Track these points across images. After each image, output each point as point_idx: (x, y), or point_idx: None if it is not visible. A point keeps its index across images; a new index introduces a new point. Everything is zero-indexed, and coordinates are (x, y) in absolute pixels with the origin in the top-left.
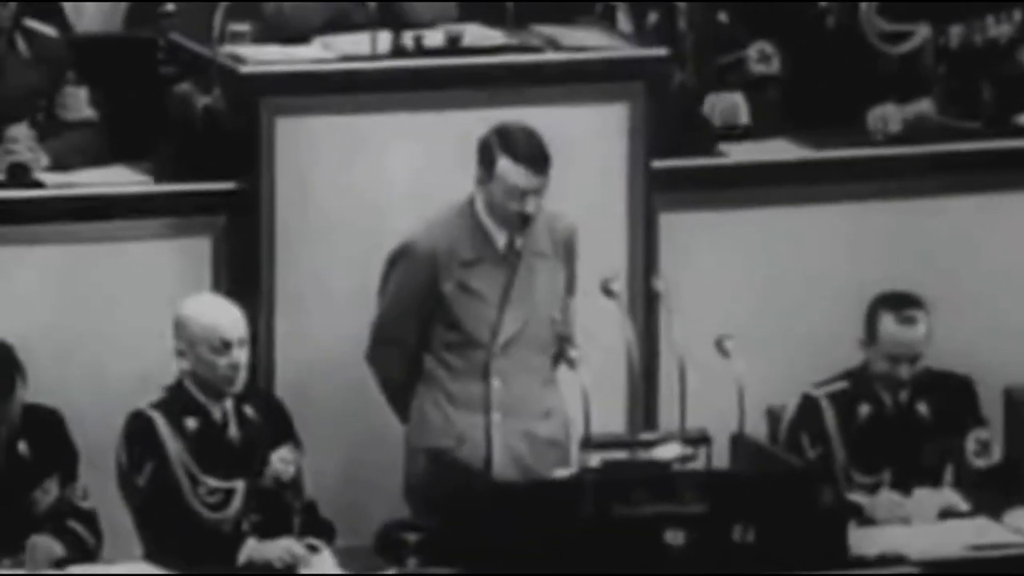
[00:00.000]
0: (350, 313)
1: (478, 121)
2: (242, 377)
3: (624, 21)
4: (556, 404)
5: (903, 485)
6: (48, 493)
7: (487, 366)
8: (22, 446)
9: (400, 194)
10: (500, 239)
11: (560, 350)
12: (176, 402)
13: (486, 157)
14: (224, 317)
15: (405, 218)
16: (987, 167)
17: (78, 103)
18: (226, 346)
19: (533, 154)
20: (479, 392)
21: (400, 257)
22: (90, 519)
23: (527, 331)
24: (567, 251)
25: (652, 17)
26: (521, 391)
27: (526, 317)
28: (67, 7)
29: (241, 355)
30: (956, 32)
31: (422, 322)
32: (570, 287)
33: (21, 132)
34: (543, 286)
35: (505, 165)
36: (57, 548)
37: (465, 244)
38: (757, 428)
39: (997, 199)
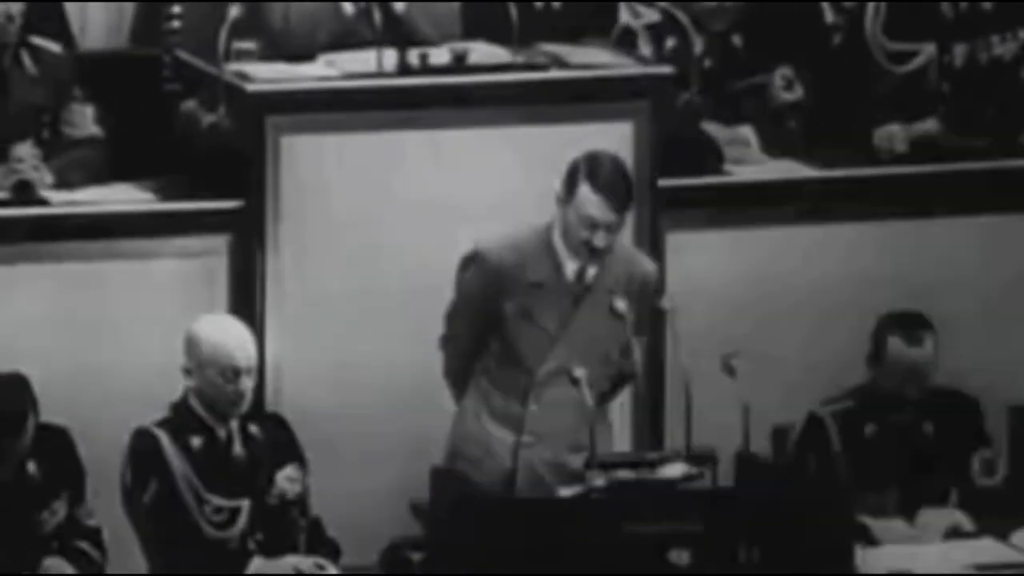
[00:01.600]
0: (355, 331)
1: (484, 139)
2: (247, 403)
3: (644, 46)
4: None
5: (909, 504)
6: (56, 513)
7: (528, 390)
8: (31, 466)
9: (405, 211)
10: (570, 268)
11: (563, 369)
12: (181, 420)
13: (570, 179)
14: (236, 344)
15: (409, 235)
16: (993, 186)
17: (83, 120)
18: (235, 374)
19: (616, 187)
20: (517, 412)
21: (469, 262)
22: (95, 536)
23: (578, 364)
24: (641, 292)
25: (670, 42)
26: (557, 421)
27: (578, 351)
28: (72, 24)
29: (248, 383)
30: (961, 51)
31: (478, 329)
32: (640, 328)
33: (26, 150)
34: (605, 323)
35: (585, 192)
36: (68, 569)
37: (535, 266)
38: (763, 447)
39: (1003, 218)
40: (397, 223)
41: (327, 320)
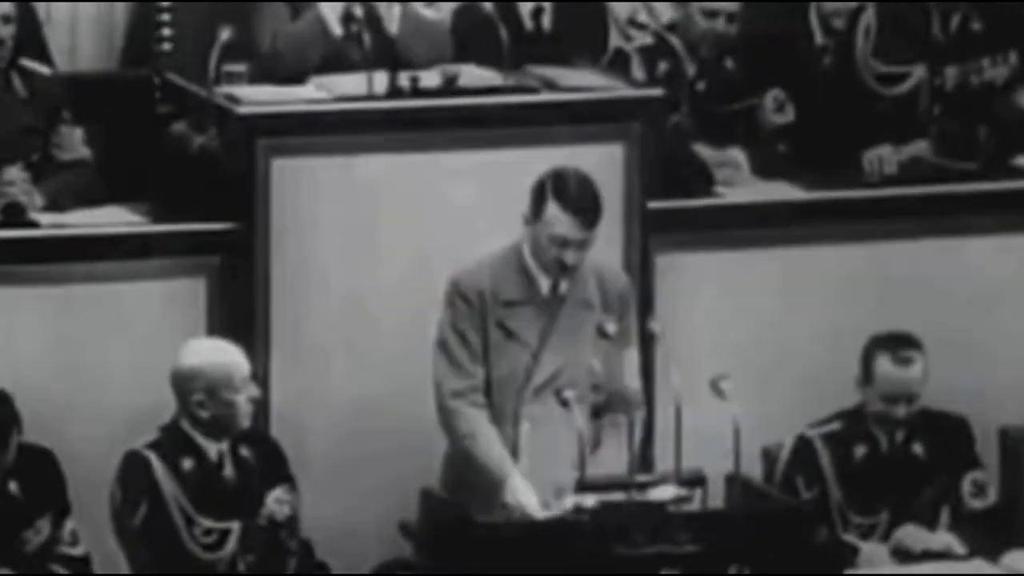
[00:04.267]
0: (346, 354)
1: (474, 162)
2: (253, 409)
3: (636, 69)
4: (591, 456)
5: (899, 526)
6: (40, 533)
7: (518, 410)
8: (13, 485)
9: (395, 234)
10: (544, 284)
11: (555, 390)
12: (171, 442)
13: (537, 199)
14: (232, 358)
15: (400, 258)
16: (983, 209)
17: (73, 143)
18: (244, 382)
19: (584, 205)
20: (509, 435)
21: (452, 296)
22: (81, 565)
23: (561, 378)
24: (622, 305)
25: (663, 65)
26: (552, 438)
27: (562, 364)
28: (61, 47)
29: (255, 387)
30: (952, 74)
31: (469, 357)
32: (627, 339)
33: (16, 172)
34: (584, 336)
35: (553, 211)
36: None
37: (509, 285)
38: (752, 469)
39: (992, 241)
40: (388, 246)
41: (317, 341)
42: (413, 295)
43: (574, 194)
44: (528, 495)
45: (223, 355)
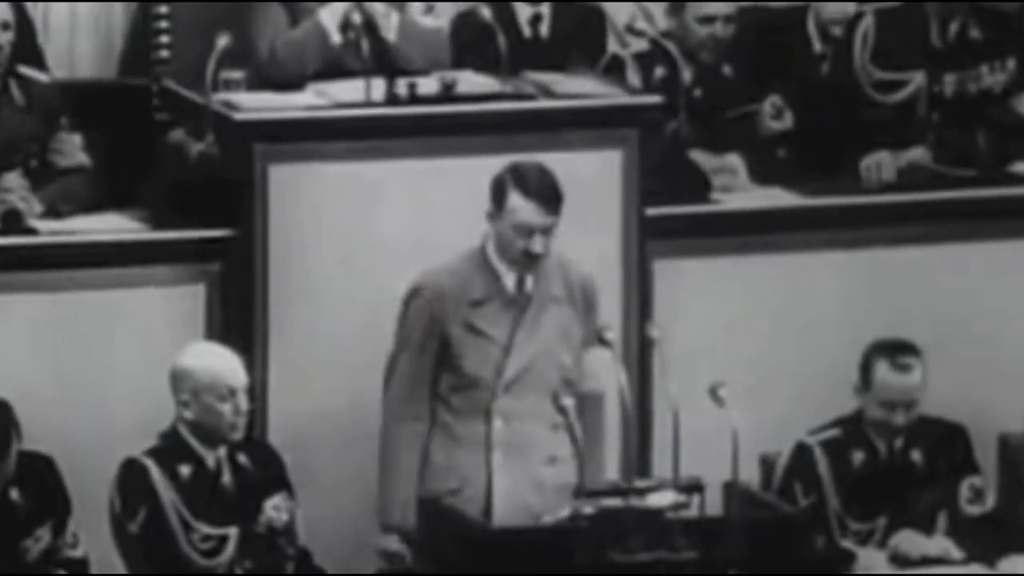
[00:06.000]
0: (344, 360)
1: (473, 168)
2: (244, 423)
3: (633, 75)
4: (564, 451)
5: (896, 532)
6: (40, 541)
7: (489, 406)
8: (14, 493)
9: (394, 241)
10: (509, 280)
11: (553, 397)
12: (170, 449)
13: (498, 192)
14: (225, 365)
15: (399, 265)
16: (981, 215)
17: (72, 149)
18: (232, 393)
19: (545, 192)
20: (483, 432)
21: (412, 297)
22: (80, 567)
23: (533, 373)
24: (586, 302)
25: (659, 71)
26: (525, 433)
27: (532, 359)
28: (60, 54)
29: (245, 403)
30: (950, 81)
31: (426, 363)
32: (589, 338)
33: (14, 179)
34: (553, 330)
35: (516, 200)
36: None
37: (474, 285)
38: (751, 476)
39: (990, 247)
40: (385, 252)
41: (316, 347)
42: None
43: (534, 181)
44: None
45: (211, 360)
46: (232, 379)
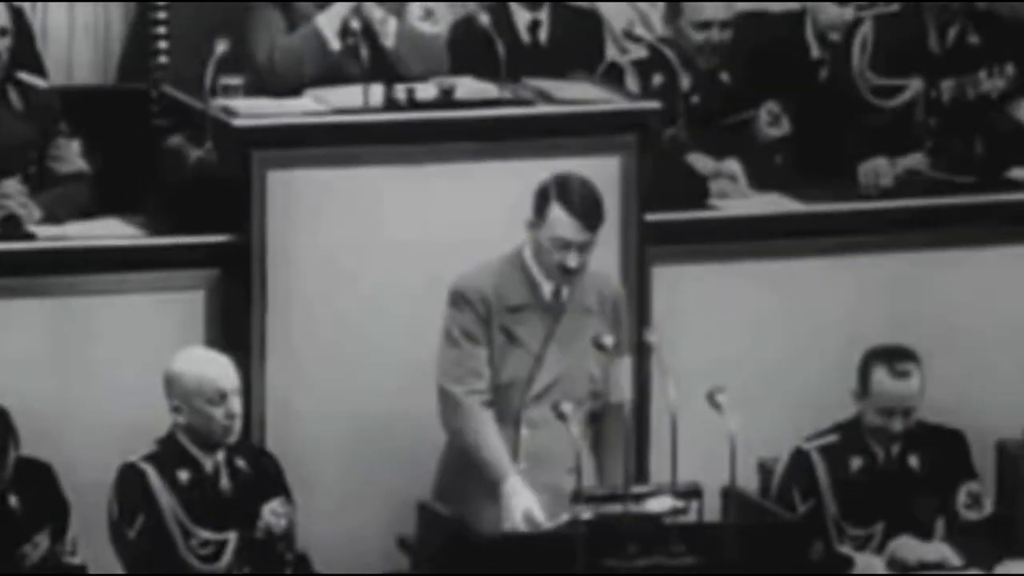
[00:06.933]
0: (342, 365)
1: (471, 173)
2: (238, 426)
3: (631, 81)
4: (587, 461)
5: (894, 537)
6: (38, 547)
7: (519, 414)
8: (13, 499)
9: (392, 246)
10: (547, 288)
11: (553, 404)
12: (168, 455)
13: (541, 202)
14: (216, 368)
15: (397, 270)
16: (979, 221)
17: (70, 155)
18: (222, 397)
19: (587, 208)
20: (511, 439)
21: (460, 301)
22: (78, 573)
23: (562, 383)
24: (615, 313)
25: (657, 78)
26: (551, 443)
27: (563, 369)
28: (58, 60)
29: (236, 404)
30: (948, 86)
31: (477, 362)
32: (619, 348)
33: (13, 185)
34: (585, 342)
35: (557, 213)
36: None
37: (513, 289)
38: (749, 481)
39: (988, 253)
40: (384, 258)
41: (314, 353)
42: (409, 307)
43: (577, 196)
44: (526, 497)
45: (202, 365)
46: (222, 382)
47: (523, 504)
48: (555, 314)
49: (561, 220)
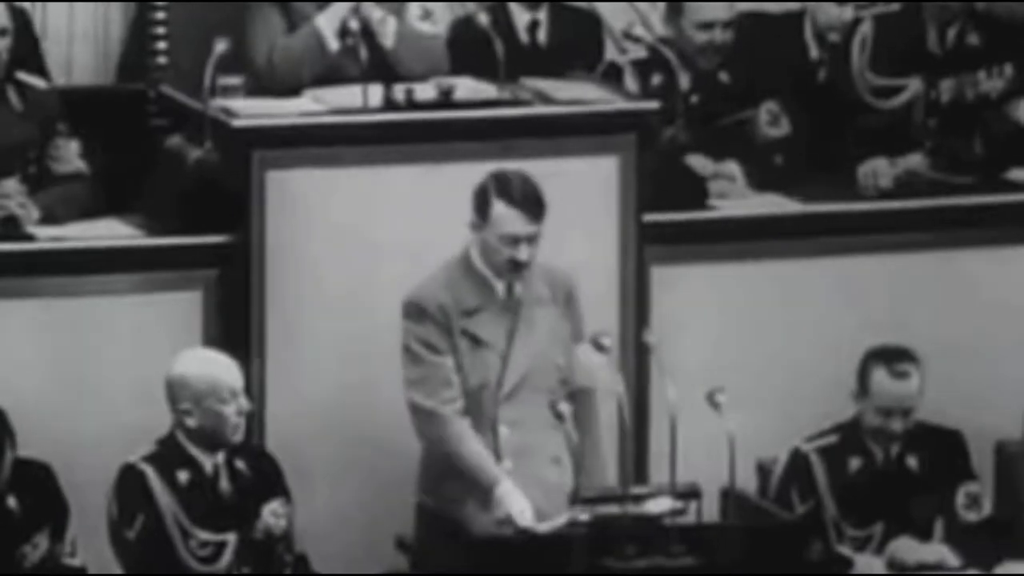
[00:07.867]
0: (340, 366)
1: (469, 174)
2: (244, 423)
3: (630, 81)
4: (564, 451)
5: (893, 538)
6: (38, 548)
7: (495, 414)
8: (11, 500)
9: (391, 246)
10: (499, 287)
11: (550, 403)
12: (168, 455)
13: (482, 202)
14: (223, 367)
15: (396, 270)
16: (978, 222)
17: (69, 155)
18: (233, 394)
19: (528, 200)
20: (489, 441)
21: (420, 315)
22: (78, 574)
23: (532, 377)
24: (567, 300)
25: (656, 78)
26: (529, 437)
27: (530, 363)
28: (57, 60)
29: (244, 400)
30: (947, 87)
31: (445, 372)
32: (577, 335)
33: (12, 185)
34: (545, 333)
35: (500, 210)
36: None
37: (467, 293)
38: (748, 482)
39: (988, 253)
40: (383, 258)
41: (312, 353)
42: None
43: (518, 191)
44: (519, 501)
45: (209, 366)
46: (232, 380)
47: (517, 507)
48: (513, 310)
49: (506, 216)
